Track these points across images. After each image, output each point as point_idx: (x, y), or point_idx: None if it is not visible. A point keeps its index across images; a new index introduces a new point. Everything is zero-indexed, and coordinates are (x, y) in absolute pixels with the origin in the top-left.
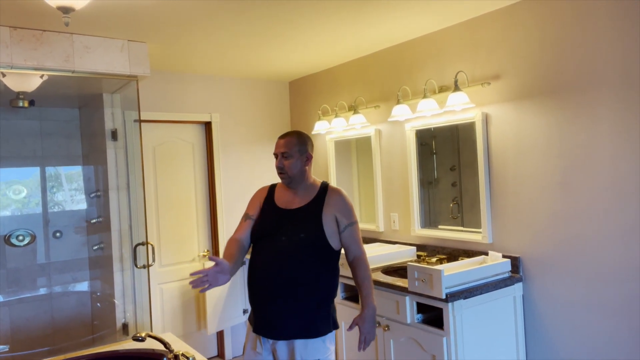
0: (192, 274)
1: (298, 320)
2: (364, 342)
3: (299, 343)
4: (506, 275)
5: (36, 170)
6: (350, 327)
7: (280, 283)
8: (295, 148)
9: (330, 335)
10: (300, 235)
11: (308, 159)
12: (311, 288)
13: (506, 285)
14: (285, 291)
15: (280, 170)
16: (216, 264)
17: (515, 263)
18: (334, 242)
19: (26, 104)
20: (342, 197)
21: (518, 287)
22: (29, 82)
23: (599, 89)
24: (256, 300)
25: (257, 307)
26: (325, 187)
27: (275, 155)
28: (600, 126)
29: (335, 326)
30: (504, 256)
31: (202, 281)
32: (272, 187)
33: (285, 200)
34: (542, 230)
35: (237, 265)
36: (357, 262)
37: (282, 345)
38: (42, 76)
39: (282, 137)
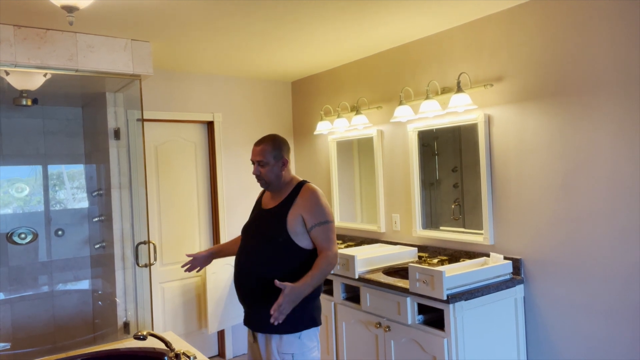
0: (183, 267)
1: (269, 316)
2: (277, 307)
3: (275, 337)
4: (507, 277)
5: (39, 169)
6: (279, 284)
7: (251, 280)
8: (270, 155)
9: (308, 332)
10: (267, 235)
11: (284, 164)
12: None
13: (507, 287)
14: (255, 288)
15: (257, 178)
16: (193, 258)
17: (517, 265)
18: (302, 241)
19: (29, 103)
20: (311, 197)
21: (519, 288)
22: (33, 80)
23: (600, 91)
24: (237, 294)
25: (239, 300)
26: (299, 187)
27: (252, 162)
28: (601, 128)
29: (313, 324)
30: (505, 258)
31: (193, 266)
32: None
33: (266, 200)
34: (543, 232)
35: (220, 254)
36: (320, 254)
37: (261, 337)
38: (45, 75)
39: (257, 144)
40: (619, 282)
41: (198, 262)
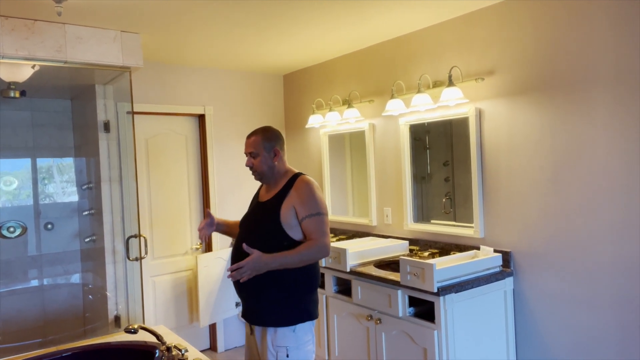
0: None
1: (264, 309)
2: (238, 268)
3: (269, 330)
4: (497, 269)
5: (27, 162)
6: (246, 248)
7: None
8: (261, 146)
9: (303, 326)
10: (261, 228)
11: (276, 154)
12: (275, 279)
13: (497, 280)
14: (249, 280)
15: (251, 170)
16: (207, 217)
17: (507, 258)
18: (296, 234)
19: (17, 95)
20: (305, 189)
21: (509, 281)
22: (21, 72)
23: (591, 85)
24: (235, 287)
25: (237, 293)
26: (294, 179)
27: (246, 154)
28: (592, 122)
29: (308, 317)
30: (495, 251)
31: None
32: None
33: (262, 193)
34: (533, 226)
35: (224, 228)
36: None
37: (257, 330)
38: (33, 66)
39: (249, 136)
40: (607, 275)
41: (210, 229)
